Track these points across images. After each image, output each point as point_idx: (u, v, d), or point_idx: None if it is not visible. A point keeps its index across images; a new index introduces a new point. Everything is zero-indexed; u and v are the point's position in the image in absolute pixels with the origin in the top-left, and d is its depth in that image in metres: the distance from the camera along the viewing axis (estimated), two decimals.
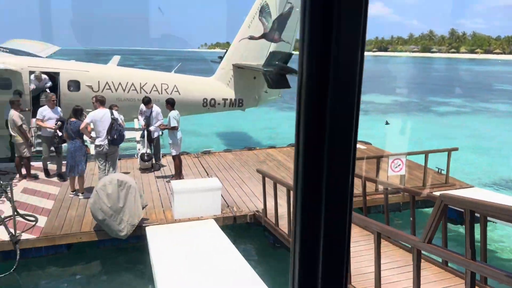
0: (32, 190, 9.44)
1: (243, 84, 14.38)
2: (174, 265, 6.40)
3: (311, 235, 0.81)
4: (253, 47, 14.18)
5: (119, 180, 7.30)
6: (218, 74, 14.47)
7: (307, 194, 0.80)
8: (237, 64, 14.18)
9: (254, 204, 8.81)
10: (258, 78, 14.28)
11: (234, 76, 14.30)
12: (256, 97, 14.68)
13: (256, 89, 14.58)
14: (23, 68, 11.99)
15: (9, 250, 7.09)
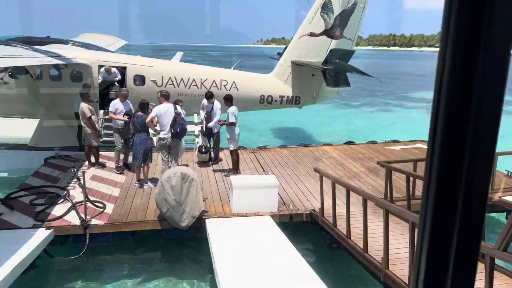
0: (100, 177, 10.04)
1: (301, 81, 14.33)
2: (234, 257, 6.55)
3: (443, 235, 0.80)
4: (313, 44, 14.07)
5: (182, 173, 7.57)
6: (276, 71, 14.51)
7: (442, 192, 0.79)
8: (295, 61, 14.14)
9: (310, 202, 8.78)
10: (317, 75, 14.16)
11: (292, 73, 14.28)
12: (314, 95, 14.58)
13: (314, 87, 14.47)
14: (93, 62, 12.73)
15: (79, 234, 7.59)
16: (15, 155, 11.91)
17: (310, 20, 13.99)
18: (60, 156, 11.48)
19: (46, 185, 9.34)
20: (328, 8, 13.87)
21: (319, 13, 13.90)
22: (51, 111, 12.77)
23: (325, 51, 13.95)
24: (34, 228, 7.35)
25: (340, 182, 7.61)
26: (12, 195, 8.62)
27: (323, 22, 13.96)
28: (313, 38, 14.08)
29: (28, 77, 12.34)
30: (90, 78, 12.68)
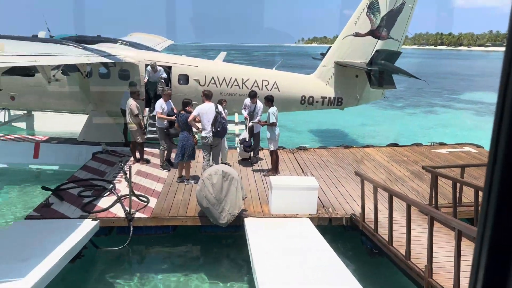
0: (144, 173, 10.36)
1: (344, 82, 14.13)
2: (272, 257, 6.56)
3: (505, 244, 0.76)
4: (358, 44, 13.84)
5: (223, 171, 7.67)
6: (318, 71, 14.38)
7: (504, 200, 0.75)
8: (339, 62, 13.96)
9: (350, 206, 8.64)
10: (361, 76, 13.91)
11: (335, 74, 14.10)
12: (357, 96, 14.32)
13: (357, 88, 14.22)
14: (140, 61, 13.14)
15: (124, 226, 7.87)
16: (65, 149, 12.53)
17: (356, 20, 13.75)
18: (107, 151, 11.96)
19: (94, 178, 9.75)
20: (374, 8, 13.57)
21: (365, 13, 13.63)
22: (100, 107, 13.33)
23: (370, 52, 13.67)
24: (82, 218, 7.69)
25: (382, 186, 7.43)
26: (62, 187, 9.07)
27: (369, 22, 13.69)
28: (358, 38, 13.84)
29: (78, 75, 12.92)
30: (137, 76, 13.11)
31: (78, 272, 7.23)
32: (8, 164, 12.46)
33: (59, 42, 12.13)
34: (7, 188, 11.08)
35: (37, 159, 12.46)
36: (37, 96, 13.41)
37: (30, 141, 12.87)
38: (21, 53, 8.98)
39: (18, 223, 7.77)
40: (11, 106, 14.47)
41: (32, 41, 11.91)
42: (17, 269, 5.79)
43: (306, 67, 17.22)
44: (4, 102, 13.66)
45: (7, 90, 12.80)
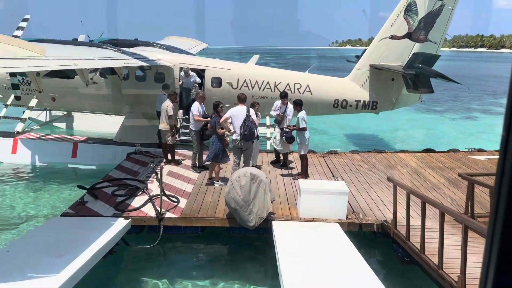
0: (175, 173, 10.55)
1: (380, 86, 13.87)
2: (299, 261, 6.52)
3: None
4: (394, 47, 13.57)
5: (252, 173, 7.70)
6: (353, 74, 14.18)
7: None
8: (374, 65, 13.71)
9: (382, 213, 8.45)
10: (397, 80, 13.60)
11: (370, 77, 13.86)
12: (393, 100, 14.01)
13: (393, 92, 13.93)
14: (174, 64, 13.42)
15: (155, 225, 8.04)
16: (101, 149, 12.98)
17: (392, 22, 13.47)
18: (141, 152, 12.28)
19: (127, 178, 10.03)
20: (412, 10, 13.25)
21: (402, 15, 13.33)
22: (135, 109, 13.72)
23: (407, 54, 13.36)
24: (114, 217, 7.93)
25: (415, 193, 7.22)
26: (96, 186, 9.38)
27: (406, 25, 13.39)
28: (394, 41, 13.56)
29: (116, 77, 13.34)
30: (171, 79, 13.39)
31: (110, 268, 7.46)
32: (47, 163, 13.00)
33: (98, 46, 12.57)
34: (46, 186, 11.57)
35: (75, 159, 12.97)
36: (76, 98, 13.97)
37: (69, 141, 13.40)
38: (61, 57, 9.38)
39: (54, 219, 8.08)
40: (52, 106, 15.14)
41: (72, 44, 12.42)
42: (52, 264, 6.02)
43: (339, 70, 17.00)
44: (46, 103, 14.32)
45: (48, 91, 13.41)
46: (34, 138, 13.48)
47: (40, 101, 13.90)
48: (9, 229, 9.02)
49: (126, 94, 13.67)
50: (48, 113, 16.87)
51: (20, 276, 5.70)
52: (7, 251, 6.52)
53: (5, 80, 13.62)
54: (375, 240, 8.30)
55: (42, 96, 13.67)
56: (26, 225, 9.18)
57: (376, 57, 13.78)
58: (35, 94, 13.59)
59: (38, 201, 10.60)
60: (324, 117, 15.31)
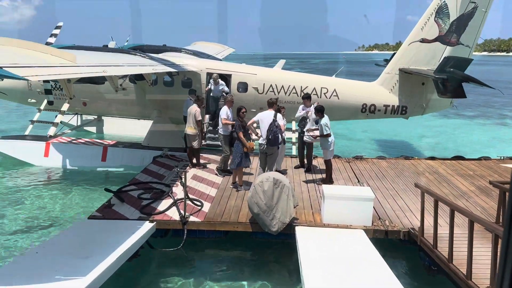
0: (200, 177, 10.67)
1: (409, 90, 13.62)
2: (322, 268, 6.43)
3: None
4: (425, 50, 13.31)
5: (275, 178, 7.68)
6: (381, 78, 13.97)
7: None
8: (404, 69, 13.47)
9: (409, 220, 8.24)
10: (428, 84, 13.33)
11: (400, 81, 13.62)
12: (423, 105, 13.70)
13: (423, 97, 13.63)
14: (202, 70, 13.61)
15: (179, 229, 8.13)
16: (130, 153, 13.28)
17: (422, 25, 13.22)
18: (167, 155, 12.47)
19: (153, 181, 10.20)
20: (443, 13, 12.96)
21: (433, 18, 13.06)
22: (163, 114, 13.97)
23: (438, 58, 13.07)
24: (140, 220, 8.06)
25: (444, 200, 7.00)
26: (123, 189, 9.58)
27: (437, 28, 13.12)
28: (425, 44, 13.30)
29: (144, 83, 13.63)
30: (198, 84, 13.58)
31: (134, 271, 7.57)
32: (78, 166, 13.39)
33: (127, 52, 12.89)
34: (76, 188, 11.91)
35: (105, 162, 13.31)
36: (106, 102, 14.37)
37: (99, 145, 13.77)
38: (91, 64, 9.66)
39: (81, 222, 8.31)
40: (83, 111, 15.61)
41: (102, 51, 12.78)
42: (78, 265, 6.17)
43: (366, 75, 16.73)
44: (77, 107, 14.79)
45: (79, 96, 13.85)
46: (65, 142, 13.93)
47: (71, 105, 14.37)
48: (38, 231, 9.33)
49: (154, 99, 13.95)
50: (79, 117, 17.41)
51: (47, 276, 5.85)
52: (36, 252, 6.71)
53: (38, 85, 14.16)
54: (401, 247, 8.10)
55: (73, 101, 14.10)
56: (55, 227, 9.47)
57: (406, 61, 13.54)
58: (67, 99, 14.06)
59: (68, 204, 10.93)
60: (348, 122, 15.10)
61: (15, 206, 10.67)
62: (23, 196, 11.31)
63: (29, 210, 10.41)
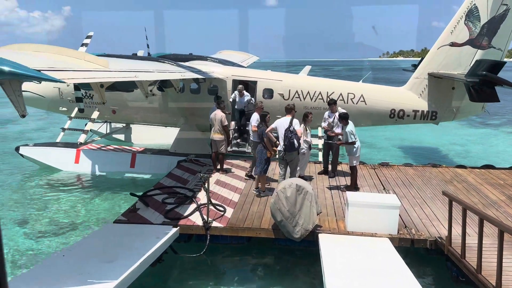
0: (223, 182, 10.74)
1: (439, 95, 13.34)
2: (346, 277, 6.34)
3: None
4: (455, 54, 13.02)
5: (297, 185, 7.64)
6: (410, 83, 13.74)
7: None
8: (433, 73, 13.20)
9: (436, 229, 8.03)
10: (458, 88, 13.01)
11: (429, 86, 13.36)
12: (454, 110, 13.36)
13: (454, 101, 13.30)
14: (227, 77, 13.75)
15: (202, 234, 8.18)
16: (158, 159, 13.53)
17: (452, 29, 12.95)
18: (191, 160, 12.62)
19: (177, 186, 10.32)
20: (473, 16, 12.67)
21: (463, 21, 12.78)
22: (190, 121, 14.17)
23: (468, 62, 12.77)
24: (163, 225, 8.16)
25: (472, 209, 6.79)
26: (148, 193, 9.73)
27: (467, 31, 12.82)
28: (454, 48, 13.01)
29: (172, 90, 13.87)
30: (224, 91, 13.71)
31: (157, 276, 7.66)
32: (107, 172, 13.71)
33: (156, 60, 13.19)
34: (105, 193, 12.22)
35: (133, 168, 13.59)
36: (135, 110, 14.69)
37: (127, 151, 14.10)
38: (123, 69, 9.96)
39: (107, 226, 8.47)
40: (112, 119, 15.99)
41: (132, 59, 13.10)
42: (103, 269, 6.29)
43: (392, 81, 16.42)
44: (107, 115, 15.16)
45: (109, 104, 14.23)
46: (95, 148, 14.33)
47: (101, 113, 14.76)
48: (67, 234, 9.61)
49: (181, 106, 14.17)
50: (108, 125, 17.86)
51: (73, 279, 5.99)
52: (63, 255, 6.89)
53: (69, 94, 14.61)
54: (427, 257, 7.90)
55: (103, 109, 14.51)
56: (82, 231, 9.71)
57: (435, 66, 13.28)
58: (97, 107, 14.48)
59: (96, 208, 11.22)
60: (371, 129, 14.89)
61: (44, 210, 11.03)
62: (53, 201, 11.69)
63: (58, 214, 10.75)
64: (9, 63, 5.60)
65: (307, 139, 10.56)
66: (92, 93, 14.39)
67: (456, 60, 13.03)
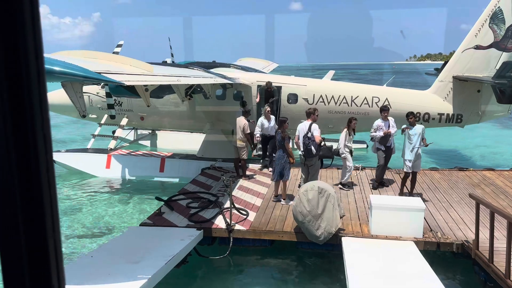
0: (246, 188, 10.79)
1: (464, 98, 13.09)
2: (370, 281, 6.26)
3: None
4: (480, 57, 12.77)
5: (319, 187, 7.62)
6: (435, 86, 13.54)
7: None
8: (458, 76, 12.96)
9: (463, 232, 7.83)
10: (484, 91, 12.77)
11: (454, 89, 13.13)
12: (479, 113, 13.09)
13: (479, 104, 13.03)
14: (252, 83, 13.87)
15: (225, 237, 8.25)
16: (186, 164, 13.69)
17: (476, 32, 12.73)
18: (214, 167, 12.77)
19: (201, 192, 10.46)
20: (498, 19, 12.44)
21: (487, 24, 12.55)
22: (216, 126, 14.35)
23: (493, 65, 12.53)
24: (188, 227, 8.28)
25: (501, 212, 6.60)
26: (172, 198, 9.91)
27: (492, 34, 12.57)
28: (479, 51, 12.76)
29: (200, 96, 14.10)
30: (249, 97, 13.84)
31: (182, 277, 7.74)
32: (137, 177, 14.00)
33: (185, 67, 13.49)
34: (133, 198, 12.44)
35: (163, 173, 13.83)
36: (162, 116, 14.98)
37: (157, 156, 14.33)
38: (166, 74, 10.26)
39: (134, 228, 8.62)
40: (140, 125, 16.34)
41: (167, 66, 13.44)
42: (130, 270, 6.41)
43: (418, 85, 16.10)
44: (135, 121, 15.51)
45: (137, 111, 14.59)
46: (125, 154, 14.63)
47: (130, 120, 15.08)
48: (96, 236, 9.84)
49: (207, 111, 14.36)
50: (135, 132, 18.28)
51: (101, 280, 6.11)
52: (91, 256, 7.06)
53: (99, 101, 15.04)
54: (454, 261, 7.69)
55: (132, 116, 14.87)
56: (111, 233, 9.93)
57: (460, 69, 13.04)
58: (126, 113, 14.86)
59: (124, 212, 11.44)
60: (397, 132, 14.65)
61: (75, 214, 11.32)
62: (83, 204, 11.98)
63: (88, 217, 11.00)
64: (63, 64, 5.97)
65: (348, 144, 10.38)
66: (121, 100, 14.78)
67: (481, 63, 12.76)
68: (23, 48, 0.76)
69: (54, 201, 0.83)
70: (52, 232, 0.83)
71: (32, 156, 0.79)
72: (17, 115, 0.77)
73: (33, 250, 0.81)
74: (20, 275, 0.81)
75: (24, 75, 0.76)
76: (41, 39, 0.78)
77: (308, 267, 8.20)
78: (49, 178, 0.81)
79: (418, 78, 32.29)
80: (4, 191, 0.79)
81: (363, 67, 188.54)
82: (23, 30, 0.75)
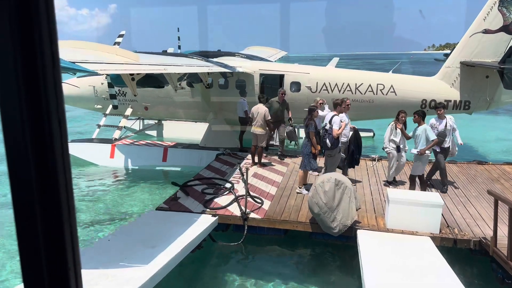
0: (261, 175, 10.61)
1: (472, 84, 12.52)
2: (385, 275, 6.04)
3: None
4: (488, 42, 12.10)
5: (336, 179, 7.42)
6: (442, 73, 12.95)
7: None
8: (466, 62, 12.37)
9: (480, 229, 7.54)
10: (492, 77, 12.15)
11: (461, 75, 12.57)
12: (487, 99, 12.58)
13: (488, 90, 12.47)
14: (255, 71, 13.66)
15: (239, 224, 8.13)
16: (189, 153, 13.51)
17: (485, 16, 12.06)
18: (229, 153, 12.71)
19: (216, 178, 10.41)
20: (508, 1, 11.76)
21: (496, 7, 11.91)
22: (219, 115, 14.23)
23: (502, 50, 11.87)
24: (203, 213, 8.19)
25: None
26: (188, 183, 9.89)
27: (501, 17, 11.87)
28: (488, 35, 12.11)
29: (201, 85, 13.89)
30: (251, 85, 13.68)
31: (197, 262, 7.71)
32: (141, 166, 13.91)
33: (185, 56, 13.38)
34: (139, 186, 12.20)
35: (165, 162, 13.76)
36: (166, 106, 14.91)
37: (159, 146, 14.08)
38: (152, 63, 10.05)
39: (150, 213, 8.39)
40: (144, 115, 16.31)
41: (162, 55, 13.41)
42: (146, 254, 6.27)
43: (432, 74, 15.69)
44: (139, 112, 15.41)
45: (141, 101, 14.56)
46: (128, 143, 14.42)
47: (134, 110, 14.77)
48: (109, 221, 9.73)
49: (210, 101, 14.16)
50: (141, 122, 18.36)
51: (117, 263, 5.98)
52: (108, 240, 7.00)
53: (104, 92, 14.93)
54: (471, 258, 7.40)
55: (136, 106, 14.78)
56: (123, 220, 9.88)
57: (468, 54, 12.41)
58: (130, 103, 14.78)
59: (132, 199, 11.20)
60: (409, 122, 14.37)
61: (85, 201, 11.14)
62: (92, 192, 11.63)
63: (98, 205, 10.73)
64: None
65: (395, 139, 9.44)
66: (125, 91, 14.64)
67: (489, 48, 12.11)
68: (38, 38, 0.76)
69: (70, 186, 0.85)
70: (68, 216, 0.85)
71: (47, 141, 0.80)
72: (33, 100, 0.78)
73: (49, 233, 0.84)
74: (37, 257, 0.84)
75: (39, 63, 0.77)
76: (55, 28, 0.78)
77: (322, 258, 7.94)
78: (65, 163, 0.83)
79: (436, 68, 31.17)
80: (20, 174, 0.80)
81: (380, 57, 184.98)
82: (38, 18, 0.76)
